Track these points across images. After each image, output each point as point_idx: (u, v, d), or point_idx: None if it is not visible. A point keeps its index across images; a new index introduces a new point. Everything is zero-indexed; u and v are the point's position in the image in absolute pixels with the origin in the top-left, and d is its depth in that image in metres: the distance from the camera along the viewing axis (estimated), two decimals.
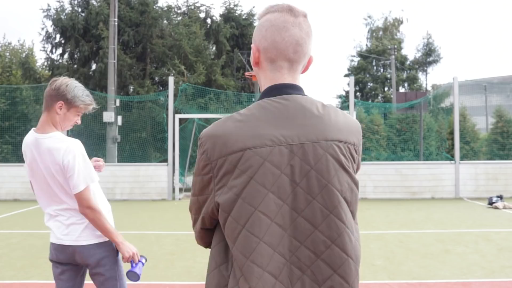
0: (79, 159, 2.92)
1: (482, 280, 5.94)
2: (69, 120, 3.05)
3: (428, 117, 19.75)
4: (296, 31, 1.57)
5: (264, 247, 1.47)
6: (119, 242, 3.00)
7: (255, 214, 1.47)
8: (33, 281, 6.03)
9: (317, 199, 1.49)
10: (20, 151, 15.16)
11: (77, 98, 3.01)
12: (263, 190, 1.47)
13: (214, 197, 1.53)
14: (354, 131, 1.60)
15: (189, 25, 22.39)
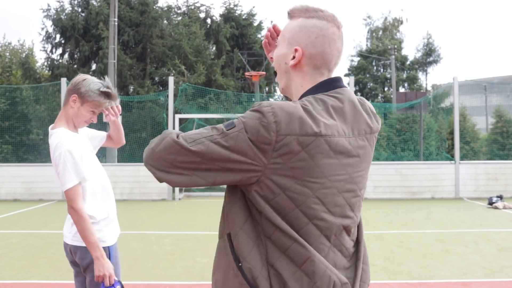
0: (67, 155, 2.82)
1: (482, 280, 5.93)
2: (83, 116, 2.98)
3: (428, 117, 19.76)
4: (340, 45, 1.65)
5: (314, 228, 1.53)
6: (95, 256, 2.79)
7: (311, 198, 1.49)
8: (33, 281, 6.03)
9: (361, 192, 1.63)
10: (20, 151, 15.01)
11: (91, 92, 2.94)
12: (323, 178, 1.50)
13: (265, 170, 1.47)
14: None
15: (189, 25, 22.41)
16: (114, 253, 2.99)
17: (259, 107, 1.48)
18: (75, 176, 2.83)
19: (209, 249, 7.77)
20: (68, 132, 2.95)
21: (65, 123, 2.98)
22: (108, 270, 2.78)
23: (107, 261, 2.80)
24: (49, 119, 18.82)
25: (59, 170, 2.83)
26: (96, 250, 2.78)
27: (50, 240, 8.70)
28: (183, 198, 16.26)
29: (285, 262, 1.50)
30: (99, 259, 2.78)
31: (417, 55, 38.50)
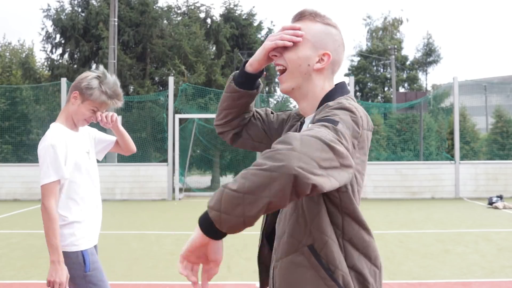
0: (49, 150, 2.73)
1: (482, 280, 5.94)
2: (82, 113, 2.86)
3: (428, 117, 19.75)
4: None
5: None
6: (52, 260, 2.64)
7: (359, 188, 1.59)
8: (33, 281, 6.03)
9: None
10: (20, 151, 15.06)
11: (92, 90, 2.82)
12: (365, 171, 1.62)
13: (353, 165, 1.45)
14: None
15: (189, 25, 22.40)
16: (91, 258, 2.82)
17: (342, 105, 1.50)
18: (53, 173, 2.72)
19: None
20: (62, 128, 2.86)
21: (64, 119, 2.90)
22: (60, 278, 2.63)
23: (62, 268, 2.65)
24: (49, 119, 18.81)
25: (40, 163, 2.77)
26: (55, 254, 2.64)
27: None
28: (183, 198, 16.27)
29: (363, 261, 1.55)
30: (55, 264, 2.63)
31: (417, 55, 38.47)
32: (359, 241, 1.54)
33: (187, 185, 18.84)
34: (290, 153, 1.20)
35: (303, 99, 1.70)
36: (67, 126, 2.90)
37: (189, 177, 21.04)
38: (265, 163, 1.22)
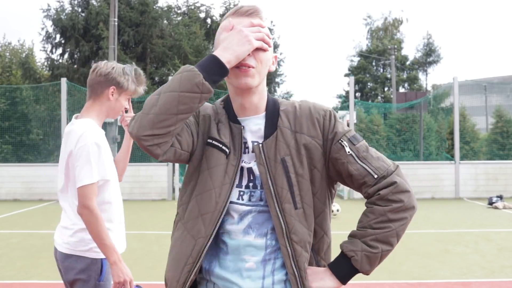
0: (93, 148, 2.53)
1: (482, 280, 5.94)
2: (121, 106, 2.77)
3: (428, 117, 19.75)
4: None
5: None
6: (112, 261, 2.50)
7: None
8: (33, 281, 6.03)
9: None
10: (20, 151, 15.02)
11: (128, 81, 2.75)
12: None
13: None
14: None
15: (189, 25, 22.42)
16: (107, 269, 2.66)
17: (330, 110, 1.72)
18: (96, 173, 2.52)
19: None
20: (97, 126, 2.68)
21: (95, 116, 2.71)
22: (128, 275, 2.55)
23: (124, 265, 2.55)
24: (49, 119, 18.82)
25: (79, 163, 2.51)
26: (113, 254, 2.50)
27: (50, 240, 8.70)
28: None
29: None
30: (117, 264, 2.51)
31: (417, 55, 38.51)
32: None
33: None
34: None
35: (258, 96, 1.67)
36: (98, 123, 2.73)
37: None
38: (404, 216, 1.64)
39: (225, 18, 1.68)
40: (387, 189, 1.61)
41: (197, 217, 1.63)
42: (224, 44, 1.56)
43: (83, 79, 22.15)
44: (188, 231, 1.64)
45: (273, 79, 25.17)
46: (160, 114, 1.50)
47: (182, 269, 1.62)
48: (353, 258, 1.61)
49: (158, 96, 1.52)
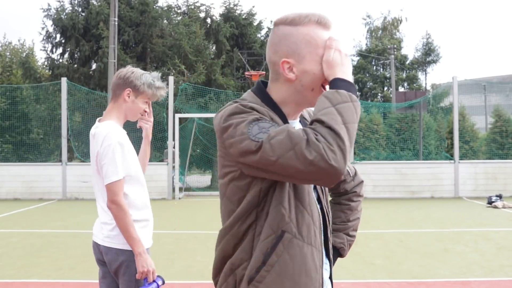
0: (117, 147, 2.78)
1: (481, 279, 5.96)
2: (139, 108, 2.95)
3: (427, 117, 19.77)
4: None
5: None
6: (137, 252, 2.75)
7: None
8: (33, 280, 6.05)
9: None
10: (20, 151, 15.00)
11: (144, 84, 2.93)
12: None
13: None
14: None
15: (189, 25, 22.41)
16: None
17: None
18: (121, 170, 2.77)
19: (209, 248, 7.78)
20: (118, 127, 2.91)
21: (115, 117, 2.94)
22: (151, 266, 2.77)
23: (148, 257, 2.78)
24: (49, 118, 18.84)
25: (105, 162, 2.76)
26: (139, 246, 2.74)
27: (50, 239, 8.72)
28: (183, 197, 16.29)
29: None
30: (142, 255, 2.74)
31: (416, 54, 38.49)
32: None
33: (187, 185, 18.86)
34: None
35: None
36: (119, 123, 2.96)
37: (189, 176, 21.06)
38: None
39: (308, 22, 1.65)
40: (359, 186, 2.01)
41: (312, 228, 1.66)
42: (344, 69, 1.59)
43: (83, 79, 22.16)
44: (309, 244, 1.65)
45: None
46: (350, 145, 1.48)
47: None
48: (342, 248, 1.98)
49: (346, 129, 1.45)
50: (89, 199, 14.94)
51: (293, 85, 1.65)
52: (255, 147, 1.47)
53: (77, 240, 8.64)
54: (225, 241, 1.64)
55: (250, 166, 1.51)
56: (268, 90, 1.70)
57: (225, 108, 1.61)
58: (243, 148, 1.49)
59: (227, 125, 1.55)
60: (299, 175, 1.44)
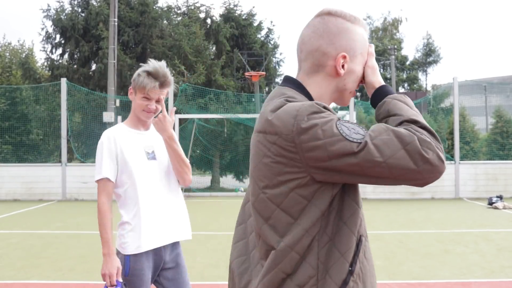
0: (99, 147, 2.81)
1: (482, 280, 5.94)
2: (139, 105, 2.84)
3: (428, 117, 19.74)
4: (304, 31, 1.60)
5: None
6: (103, 253, 2.73)
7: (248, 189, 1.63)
8: (33, 281, 6.04)
9: (251, 189, 1.55)
10: (20, 151, 15.00)
11: (137, 77, 2.85)
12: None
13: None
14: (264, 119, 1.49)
15: (189, 25, 22.41)
16: (132, 265, 2.78)
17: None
18: (100, 170, 2.78)
19: (209, 249, 7.77)
20: (120, 126, 2.89)
21: (128, 119, 2.93)
22: (109, 269, 2.69)
23: (112, 260, 2.71)
24: (49, 119, 18.83)
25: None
26: (105, 247, 2.72)
27: (50, 240, 8.71)
28: None
29: None
30: (105, 257, 2.72)
31: (417, 55, 38.51)
32: None
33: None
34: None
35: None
36: (129, 124, 2.92)
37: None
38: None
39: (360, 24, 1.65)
40: None
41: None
42: (379, 78, 1.60)
43: (83, 79, 22.16)
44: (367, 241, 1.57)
45: (273, 79, 25.17)
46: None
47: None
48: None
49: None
50: (89, 200, 14.93)
51: (335, 82, 1.57)
52: (357, 148, 1.35)
53: (77, 241, 8.63)
54: (288, 260, 1.42)
55: (338, 170, 1.38)
56: (303, 84, 1.59)
57: (289, 107, 1.44)
58: (339, 150, 1.36)
59: (309, 125, 1.38)
60: (409, 175, 1.35)
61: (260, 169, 1.46)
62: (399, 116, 1.44)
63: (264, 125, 1.45)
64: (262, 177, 1.45)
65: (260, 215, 1.47)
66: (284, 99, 1.48)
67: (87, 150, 17.86)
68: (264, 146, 1.44)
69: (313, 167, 1.39)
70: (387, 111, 1.48)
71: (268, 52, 24.35)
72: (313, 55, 1.57)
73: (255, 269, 1.51)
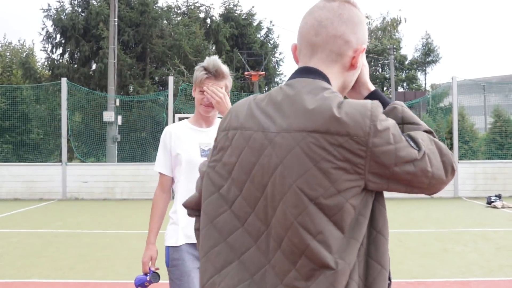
0: (160, 141, 2.96)
1: (481, 279, 5.96)
2: (197, 100, 2.87)
3: (427, 117, 19.77)
4: (322, 13, 1.40)
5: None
6: (146, 242, 3.00)
7: (239, 198, 1.34)
8: (33, 280, 6.05)
9: (283, 200, 1.26)
10: (20, 151, 14.99)
11: (196, 72, 2.86)
12: (244, 176, 1.33)
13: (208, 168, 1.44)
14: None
15: (189, 25, 22.45)
16: (171, 255, 2.93)
17: None
18: (158, 164, 2.98)
19: None
20: (182, 123, 2.98)
21: (192, 116, 2.99)
22: (143, 258, 2.94)
23: (148, 249, 2.95)
24: (49, 118, 18.85)
25: None
26: (148, 236, 2.97)
27: (50, 239, 8.73)
28: None
29: None
30: (146, 245, 2.97)
31: (415, 55, 38.53)
32: None
33: None
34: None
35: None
36: (191, 121, 2.98)
37: None
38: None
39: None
40: None
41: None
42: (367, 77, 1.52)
43: (83, 79, 22.17)
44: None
45: (272, 79, 25.21)
46: None
47: None
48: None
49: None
50: (89, 199, 14.95)
51: (345, 76, 1.43)
52: (420, 156, 1.24)
53: (77, 240, 8.65)
54: (344, 279, 1.23)
55: (395, 178, 1.26)
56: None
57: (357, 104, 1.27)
58: (406, 157, 1.24)
59: (383, 128, 1.24)
60: (439, 186, 1.30)
61: (313, 176, 1.22)
62: (417, 125, 1.33)
63: (327, 124, 1.23)
64: (316, 186, 1.22)
65: (307, 230, 1.23)
66: (335, 95, 1.29)
67: (87, 149, 17.88)
68: (322, 148, 1.22)
69: (373, 173, 1.24)
70: (401, 118, 1.34)
71: (268, 52, 24.40)
72: (334, 42, 1.38)
73: None
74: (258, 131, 1.32)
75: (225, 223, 1.35)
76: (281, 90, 1.36)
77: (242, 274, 1.31)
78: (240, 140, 1.35)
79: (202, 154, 2.86)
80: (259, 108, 1.36)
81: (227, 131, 1.40)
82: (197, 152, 2.86)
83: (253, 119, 1.35)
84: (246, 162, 1.32)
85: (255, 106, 1.37)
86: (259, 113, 1.34)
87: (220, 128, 1.44)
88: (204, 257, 1.37)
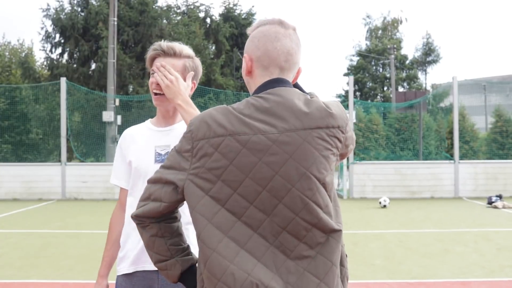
0: (116, 150, 2.49)
1: (481, 280, 5.94)
2: (150, 88, 2.30)
3: (427, 117, 19.75)
4: (287, 42, 1.67)
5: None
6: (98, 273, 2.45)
7: (234, 196, 1.52)
8: (32, 281, 6.03)
9: (302, 190, 1.51)
10: (20, 151, 14.99)
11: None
12: (241, 175, 1.51)
13: (187, 175, 1.56)
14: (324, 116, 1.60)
15: (189, 25, 22.44)
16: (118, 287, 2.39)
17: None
18: (112, 175, 2.50)
19: None
20: (143, 124, 2.41)
21: (155, 116, 2.41)
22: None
23: (98, 284, 2.43)
24: (48, 118, 18.82)
25: None
26: (100, 268, 2.44)
27: (49, 239, 8.70)
28: None
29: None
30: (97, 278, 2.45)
31: (416, 54, 38.50)
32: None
33: None
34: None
35: None
36: (153, 120, 2.39)
37: None
38: None
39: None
40: None
41: None
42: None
43: (82, 79, 22.14)
44: None
45: None
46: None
47: None
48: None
49: None
50: (88, 200, 14.93)
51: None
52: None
53: (76, 240, 8.62)
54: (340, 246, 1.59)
55: (343, 154, 1.66)
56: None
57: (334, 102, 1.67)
58: (354, 138, 1.71)
59: (348, 119, 1.67)
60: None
61: (321, 162, 1.55)
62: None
63: (326, 120, 1.57)
64: (323, 170, 1.55)
65: (319, 206, 1.53)
66: (312, 96, 1.66)
67: (86, 149, 17.86)
68: (325, 140, 1.57)
69: (341, 154, 1.65)
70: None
71: None
72: (295, 66, 1.71)
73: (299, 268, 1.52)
74: (256, 135, 1.52)
75: (223, 220, 1.52)
76: (264, 100, 1.58)
77: (251, 261, 1.50)
78: (233, 145, 1.52)
79: (156, 159, 2.25)
80: (246, 115, 1.55)
81: (208, 139, 1.54)
82: (151, 157, 2.26)
83: (246, 125, 1.53)
84: (245, 162, 1.52)
85: (241, 115, 1.55)
86: (250, 120, 1.54)
87: (194, 137, 1.57)
88: (214, 253, 1.51)
